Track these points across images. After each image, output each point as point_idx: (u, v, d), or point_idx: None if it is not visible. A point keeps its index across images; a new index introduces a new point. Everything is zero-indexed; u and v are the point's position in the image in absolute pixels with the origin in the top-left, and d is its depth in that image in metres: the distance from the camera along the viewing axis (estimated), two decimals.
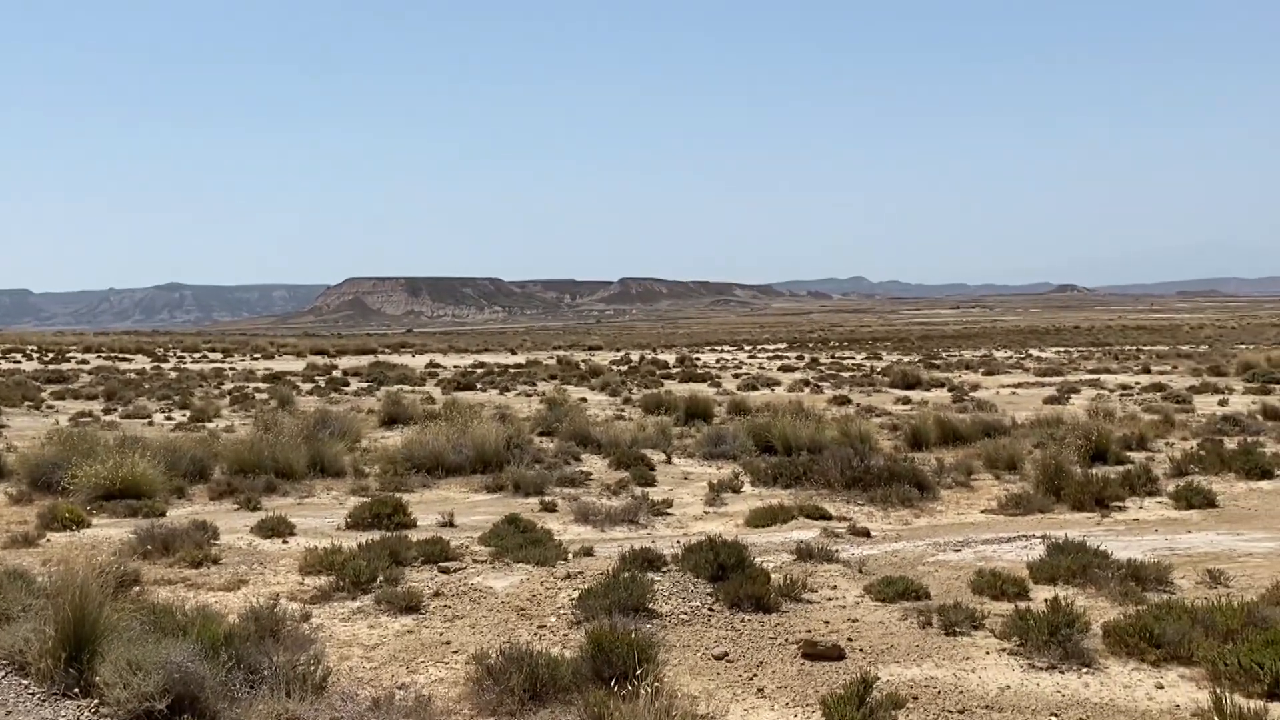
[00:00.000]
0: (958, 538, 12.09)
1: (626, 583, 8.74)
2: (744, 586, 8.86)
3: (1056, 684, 7.00)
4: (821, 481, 15.39)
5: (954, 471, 16.27)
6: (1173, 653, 7.36)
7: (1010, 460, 16.93)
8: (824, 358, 60.00)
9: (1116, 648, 7.51)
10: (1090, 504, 14.02)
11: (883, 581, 9.40)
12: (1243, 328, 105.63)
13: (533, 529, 11.69)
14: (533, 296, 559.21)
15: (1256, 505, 14.21)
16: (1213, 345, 66.37)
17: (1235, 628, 7.58)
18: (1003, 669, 7.29)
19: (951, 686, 6.97)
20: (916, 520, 13.81)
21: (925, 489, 15.09)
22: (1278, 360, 42.63)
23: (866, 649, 7.76)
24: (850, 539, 12.09)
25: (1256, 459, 16.46)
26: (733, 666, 7.43)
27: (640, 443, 19.44)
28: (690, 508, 14.38)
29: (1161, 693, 6.83)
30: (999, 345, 75.73)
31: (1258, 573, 10.09)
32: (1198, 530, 12.54)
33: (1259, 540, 11.87)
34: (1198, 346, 65.34)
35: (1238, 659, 6.81)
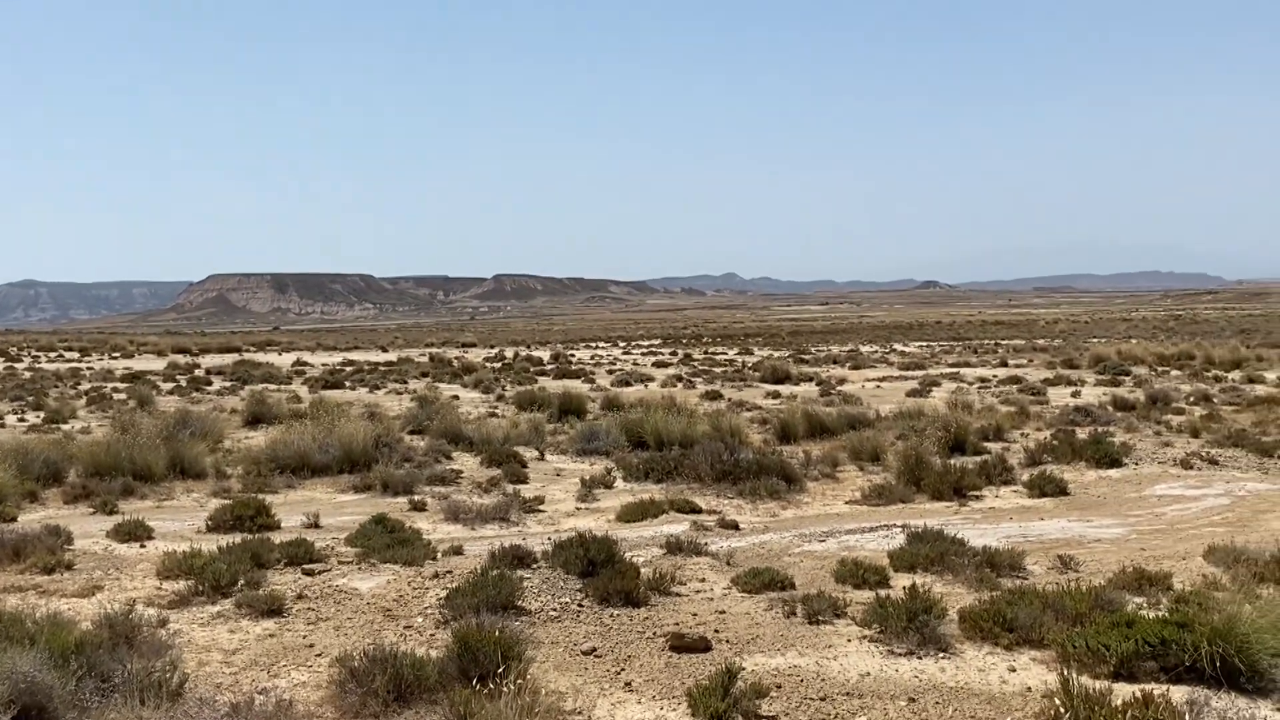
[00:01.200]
0: (823, 528, 12.34)
1: (495, 581, 8.70)
2: (613, 582, 8.91)
3: (914, 669, 7.20)
4: (692, 476, 15.55)
5: (820, 464, 16.60)
6: (1025, 636, 7.63)
7: (874, 452, 17.34)
8: (697, 354, 60.53)
9: (972, 633, 7.76)
10: (949, 493, 14.46)
11: (750, 573, 9.54)
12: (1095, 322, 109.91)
13: (401, 529, 11.55)
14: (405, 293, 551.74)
15: (1105, 493, 14.82)
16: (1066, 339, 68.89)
17: (1084, 611, 7.90)
18: (863, 656, 7.47)
19: (814, 674, 7.11)
20: (784, 512, 14.05)
21: (793, 481, 15.36)
22: (1127, 353, 44.54)
23: (733, 640, 7.87)
24: (719, 532, 12.25)
25: (1106, 448, 17.16)
26: (601, 661, 7.46)
27: (513, 440, 19.36)
28: (562, 504, 14.38)
29: (1014, 675, 7.07)
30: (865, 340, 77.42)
31: (1105, 558, 10.54)
32: (1050, 518, 13.03)
33: (1107, 526, 12.39)
34: (1052, 340, 67.75)
35: (1085, 641, 7.09)
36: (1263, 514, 12.98)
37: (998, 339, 73.50)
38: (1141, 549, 11.00)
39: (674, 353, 61.66)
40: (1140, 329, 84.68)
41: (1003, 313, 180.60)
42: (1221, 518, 12.86)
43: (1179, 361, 41.73)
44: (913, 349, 61.16)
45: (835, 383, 35.50)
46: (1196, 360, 41.35)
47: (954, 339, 76.21)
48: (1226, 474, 16.06)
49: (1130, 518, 12.93)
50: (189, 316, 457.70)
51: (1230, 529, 11.96)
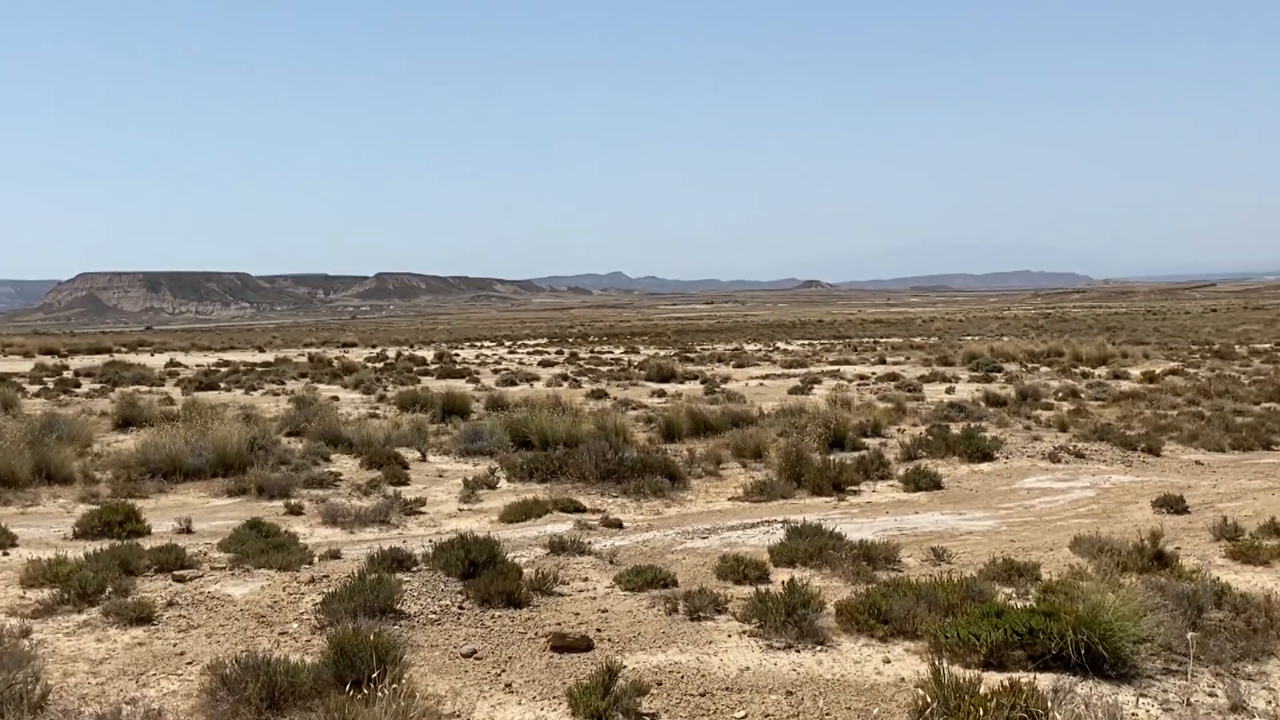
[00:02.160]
0: (706, 525, 12.45)
1: (373, 584, 8.57)
2: (495, 583, 8.84)
3: (792, 662, 7.30)
4: (577, 475, 15.54)
5: (704, 461, 16.73)
6: (899, 628, 7.80)
7: (756, 449, 17.54)
8: (583, 352, 60.49)
9: (848, 625, 7.90)
10: (829, 489, 14.70)
11: (633, 571, 9.57)
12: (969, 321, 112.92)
13: (276, 533, 11.30)
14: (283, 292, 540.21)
15: (977, 486, 15.23)
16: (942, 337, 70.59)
17: (955, 602, 8.10)
18: (743, 650, 7.55)
19: (694, 670, 7.16)
20: (668, 510, 14.13)
21: (677, 479, 15.45)
22: (1000, 351, 45.83)
23: (615, 638, 7.88)
24: (603, 531, 12.27)
25: (978, 443, 17.65)
26: (481, 664, 7.40)
27: (394, 441, 19.09)
28: (445, 506, 14.23)
29: (889, 666, 7.22)
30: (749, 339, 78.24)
31: (977, 549, 10.83)
32: (925, 511, 13.35)
33: (979, 519, 12.74)
34: (929, 339, 69.38)
35: (957, 631, 7.27)
36: (1126, 505, 13.48)
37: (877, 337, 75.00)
38: (1011, 540, 11.33)
39: (560, 352, 61.54)
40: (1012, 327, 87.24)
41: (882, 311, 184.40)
42: (1087, 509, 13.32)
43: (1048, 358, 43.06)
44: (795, 347, 62.03)
45: (720, 381, 35.82)
46: (1065, 357, 42.71)
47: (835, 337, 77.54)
48: (1092, 467, 16.64)
49: (1001, 510, 13.32)
50: (57, 316, 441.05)
51: (1095, 520, 12.40)
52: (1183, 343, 53.61)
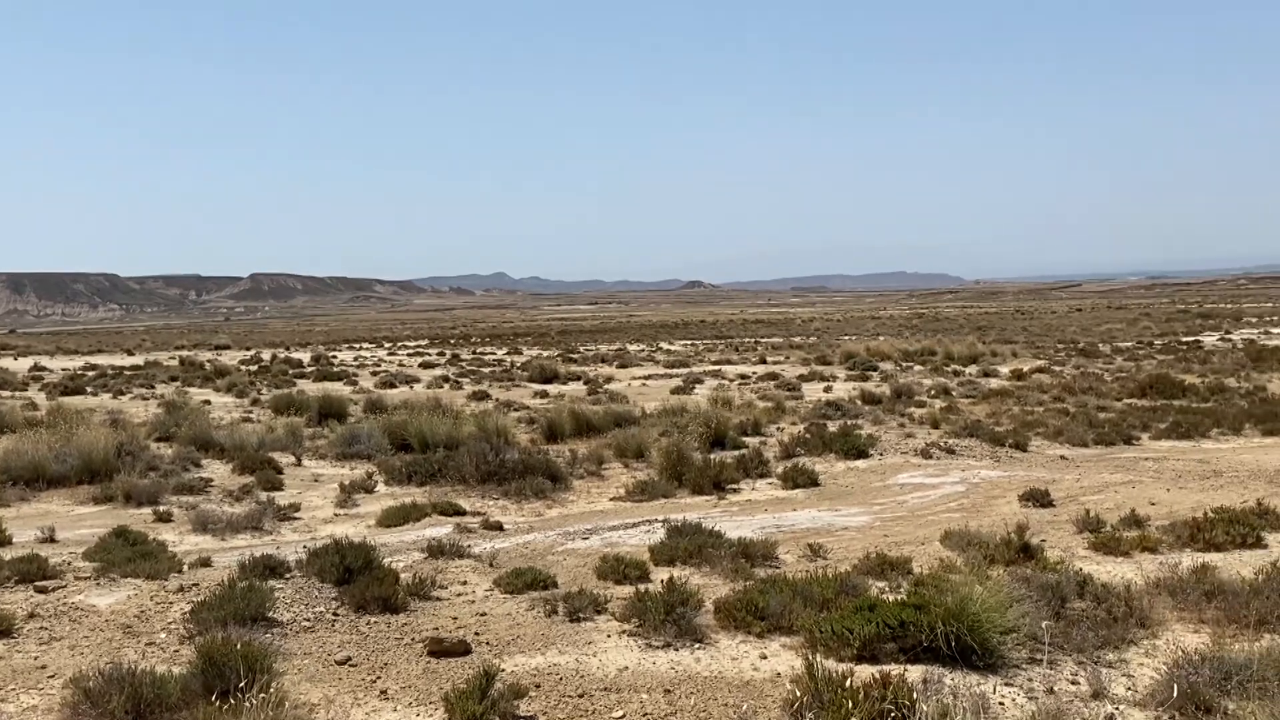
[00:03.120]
0: (587, 526, 12.45)
1: (244, 592, 8.37)
2: (371, 588, 8.72)
3: (671, 661, 7.35)
4: (457, 477, 15.40)
5: (586, 462, 16.73)
6: (776, 624, 7.90)
7: (638, 449, 17.60)
8: (465, 354, 59.97)
9: (726, 622, 7.98)
10: (709, 487, 14.84)
11: (512, 573, 9.52)
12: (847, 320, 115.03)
13: (144, 541, 10.97)
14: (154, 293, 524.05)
15: (853, 483, 15.53)
16: (821, 337, 71.74)
17: (830, 597, 8.25)
18: (622, 650, 7.57)
19: (573, 671, 7.15)
20: (549, 511, 14.09)
21: (558, 480, 15.43)
22: (875, 350, 46.77)
23: (493, 642, 7.83)
24: (483, 533, 12.19)
25: (854, 440, 17.99)
26: (356, 670, 7.28)
27: (268, 445, 18.66)
28: (320, 511, 13.97)
29: (765, 662, 7.31)
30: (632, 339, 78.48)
31: (852, 544, 11.04)
32: (802, 508, 13.56)
33: (854, 515, 12.99)
34: (808, 338, 70.47)
35: (831, 626, 7.39)
36: (995, 500, 13.88)
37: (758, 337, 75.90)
38: (885, 535, 11.58)
39: (441, 353, 60.88)
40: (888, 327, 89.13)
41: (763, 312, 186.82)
42: (958, 504, 13.68)
43: (922, 357, 44.09)
44: (678, 347, 62.43)
45: (603, 381, 35.86)
46: (937, 356, 43.77)
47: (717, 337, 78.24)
48: (963, 462, 17.10)
49: (875, 506, 13.60)
50: None
51: (965, 514, 12.74)
52: (1049, 341, 55.38)
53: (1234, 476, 15.14)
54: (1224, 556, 9.97)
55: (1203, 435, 19.51)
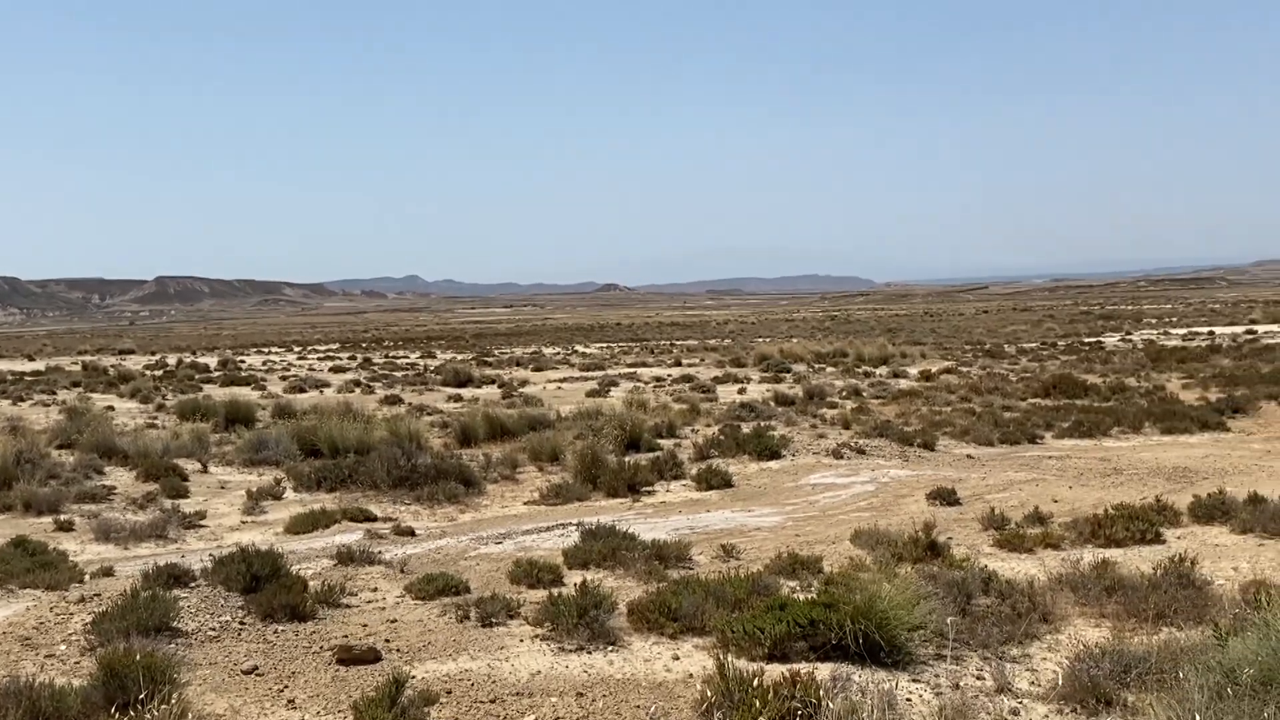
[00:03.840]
0: (500, 530, 12.39)
1: (147, 602, 8.17)
2: (278, 596, 8.57)
3: (584, 664, 7.33)
4: (368, 483, 15.21)
5: (501, 466, 16.64)
6: (689, 625, 7.92)
7: (553, 452, 17.55)
8: (377, 358, 59.25)
9: (640, 624, 7.99)
10: (624, 490, 14.85)
11: (424, 579, 9.44)
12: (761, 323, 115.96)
13: (44, 551, 10.65)
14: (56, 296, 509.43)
15: (765, 483, 15.66)
16: (735, 339, 72.23)
17: (743, 597, 8.29)
18: (535, 655, 7.54)
19: (485, 677, 7.10)
20: (463, 516, 13.99)
21: (472, 484, 15.33)
22: (789, 352, 47.23)
23: (404, 649, 7.75)
24: (395, 539, 12.06)
25: (767, 441, 18.14)
26: (263, 680, 7.15)
27: (174, 452, 18.24)
28: (227, 518, 13.70)
29: (678, 663, 7.33)
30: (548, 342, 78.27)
31: (764, 544, 11.13)
32: (716, 509, 13.64)
33: (766, 515, 13.09)
34: (723, 341, 70.88)
35: (743, 626, 7.44)
36: (903, 498, 14.09)
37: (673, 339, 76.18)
38: (797, 535, 11.69)
39: (352, 357, 60.10)
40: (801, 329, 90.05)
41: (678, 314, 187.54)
42: (868, 503, 13.87)
43: (834, 359, 44.61)
44: (594, 350, 62.40)
45: (518, 384, 35.72)
46: (849, 357, 44.34)
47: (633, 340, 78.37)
48: (873, 462, 17.34)
49: (788, 506, 13.73)
50: None
51: (875, 513, 12.92)
52: (957, 343, 56.44)
53: (1134, 474, 15.56)
54: (1124, 552, 10.23)
55: (1104, 434, 20.01)
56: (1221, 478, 14.62)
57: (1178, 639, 7.23)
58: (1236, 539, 10.90)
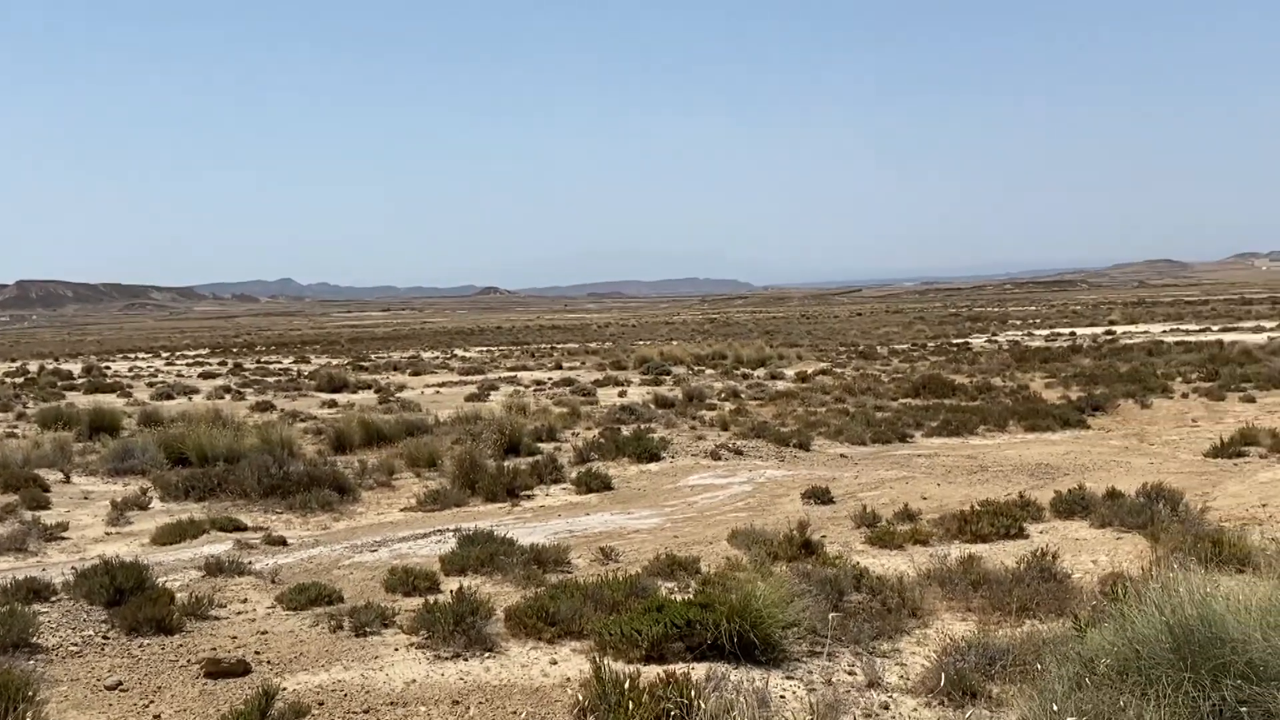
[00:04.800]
0: (376, 538, 12.22)
1: (4, 617, 7.85)
2: (144, 609, 8.31)
3: (460, 671, 7.27)
4: (239, 492, 14.86)
5: (376, 472, 16.41)
6: (567, 629, 7.92)
7: (431, 458, 17.37)
8: (249, 363, 57.87)
9: (517, 629, 7.95)
10: (503, 495, 14.78)
11: (296, 589, 9.26)
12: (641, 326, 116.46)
13: None
14: None
15: (645, 485, 15.74)
16: (616, 342, 72.41)
17: (621, 599, 8.32)
18: (410, 663, 7.45)
19: (359, 687, 6.99)
20: (337, 524, 13.76)
21: (347, 492, 15.08)
22: (669, 354, 47.55)
23: (275, 660, 7.58)
24: (266, 549, 11.80)
25: (646, 444, 18.24)
26: (127, 696, 6.93)
27: (34, 462, 17.55)
28: (90, 530, 13.23)
29: (555, 668, 7.32)
30: (427, 346, 77.38)
31: (643, 546, 11.19)
32: (595, 512, 13.66)
33: (646, 517, 13.16)
34: (603, 344, 71.03)
35: (620, 628, 7.46)
36: (779, 498, 14.31)
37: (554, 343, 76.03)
38: (675, 536, 11.78)
39: (223, 363, 58.60)
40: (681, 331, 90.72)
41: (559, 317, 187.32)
42: (745, 503, 14.05)
43: (713, 361, 45.05)
44: (473, 354, 61.91)
45: (395, 389, 35.25)
46: (728, 359, 44.82)
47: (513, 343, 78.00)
48: (750, 463, 17.57)
49: (667, 507, 13.82)
50: None
51: (752, 513, 13.09)
52: (832, 344, 57.50)
53: (999, 471, 16.06)
54: (989, 547, 10.56)
55: (971, 432, 20.60)
56: (1082, 473, 15.19)
57: (1040, 631, 7.48)
58: (1096, 533, 11.33)
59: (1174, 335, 51.15)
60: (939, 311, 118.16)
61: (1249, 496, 13.01)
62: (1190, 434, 19.29)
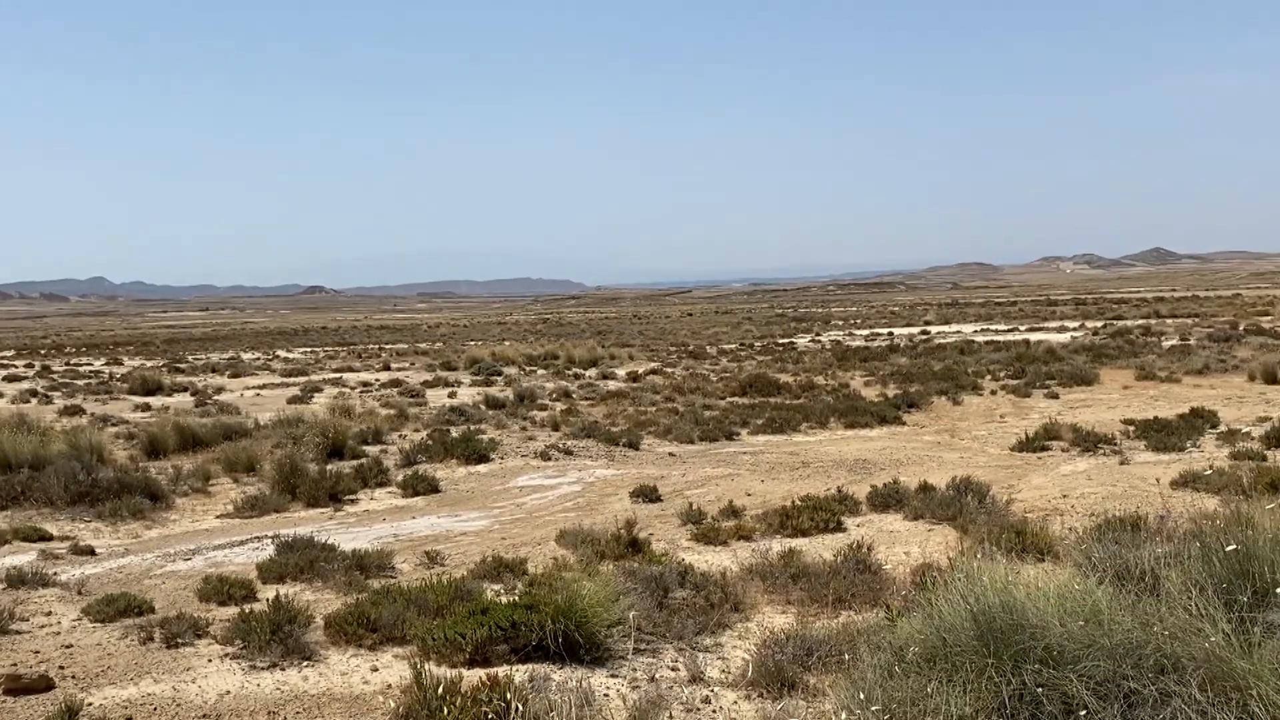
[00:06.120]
0: (190, 546, 11.80)
1: None
2: None
3: (277, 681, 7.08)
4: (44, 500, 14.12)
5: (192, 478, 15.83)
6: (389, 635, 7.80)
7: (250, 462, 16.86)
8: (58, 365, 55.09)
9: (337, 637, 7.80)
10: (325, 499, 14.45)
11: (104, 600, 8.88)
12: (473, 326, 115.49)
13: None
14: None
15: (474, 487, 15.62)
16: (447, 343, 71.61)
17: (445, 603, 8.23)
18: (225, 674, 7.22)
19: (170, 700, 6.74)
20: (149, 532, 13.22)
21: (160, 499, 14.52)
22: (500, 355, 47.29)
23: (80, 675, 7.25)
24: (72, 559, 11.27)
25: (475, 445, 18.10)
26: None
27: None
28: None
29: (376, 675, 7.20)
30: (248, 347, 75.02)
31: (470, 549, 11.10)
32: (422, 515, 13.48)
33: (473, 519, 13.06)
34: (434, 344, 70.15)
35: (444, 633, 7.39)
36: (608, 497, 14.39)
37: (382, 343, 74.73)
38: (503, 538, 11.73)
39: (30, 365, 55.63)
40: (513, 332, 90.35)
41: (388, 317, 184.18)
42: (574, 503, 14.08)
43: (545, 361, 45.01)
44: (297, 355, 60.29)
45: (213, 392, 34.08)
46: (560, 359, 44.84)
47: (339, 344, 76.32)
48: (580, 463, 17.61)
49: (495, 509, 13.74)
50: None
51: (580, 513, 13.13)
52: (663, 344, 58.12)
53: (820, 467, 16.50)
54: (809, 541, 10.85)
55: (794, 429, 21.10)
56: (897, 468, 15.74)
57: (855, 621, 7.71)
58: (909, 525, 11.76)
59: (984, 335, 53.46)
60: (766, 312, 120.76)
61: (1051, 488, 13.70)
62: (998, 429, 20.18)
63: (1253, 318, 58.71)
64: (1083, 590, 5.66)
